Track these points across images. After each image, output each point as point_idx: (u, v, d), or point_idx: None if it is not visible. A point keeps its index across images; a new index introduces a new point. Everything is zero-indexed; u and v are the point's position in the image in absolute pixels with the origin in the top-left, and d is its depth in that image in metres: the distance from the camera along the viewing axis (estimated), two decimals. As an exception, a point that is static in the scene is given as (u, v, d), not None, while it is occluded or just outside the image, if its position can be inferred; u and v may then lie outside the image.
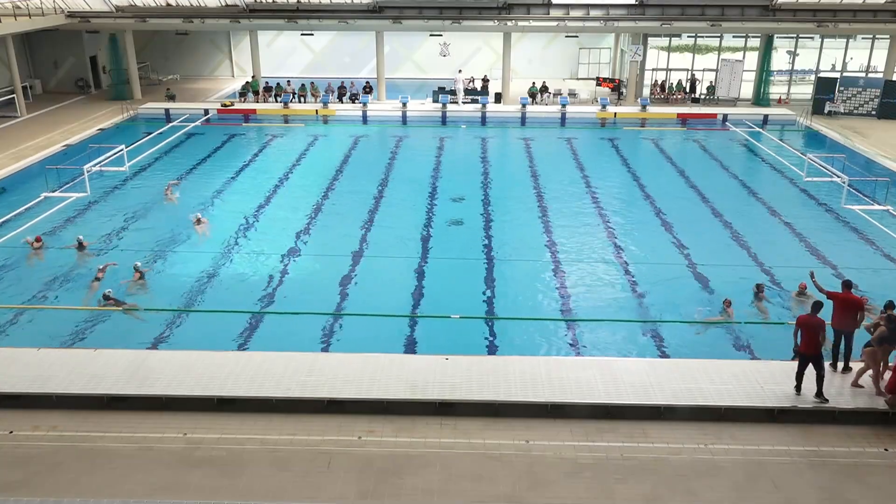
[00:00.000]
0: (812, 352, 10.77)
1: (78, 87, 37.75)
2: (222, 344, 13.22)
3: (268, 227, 19.69)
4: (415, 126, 32.40)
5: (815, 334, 10.72)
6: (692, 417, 10.77)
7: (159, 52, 43.18)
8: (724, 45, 37.30)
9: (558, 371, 11.64)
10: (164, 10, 34.77)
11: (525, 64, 41.97)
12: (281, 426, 10.54)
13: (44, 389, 11.12)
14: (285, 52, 43.73)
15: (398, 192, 22.74)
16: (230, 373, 11.50)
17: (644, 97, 34.91)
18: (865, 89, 32.96)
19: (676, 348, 13.52)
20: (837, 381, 11.46)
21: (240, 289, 15.93)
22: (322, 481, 9.44)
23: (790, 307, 15.08)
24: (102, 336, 13.75)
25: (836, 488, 9.45)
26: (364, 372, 11.52)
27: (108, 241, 18.48)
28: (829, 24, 32.80)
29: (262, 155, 27.47)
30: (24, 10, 30.87)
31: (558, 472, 9.64)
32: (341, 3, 34.17)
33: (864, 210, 20.39)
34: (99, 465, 9.72)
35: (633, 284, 16.26)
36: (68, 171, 22.69)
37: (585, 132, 31.54)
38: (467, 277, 16.60)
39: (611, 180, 24.31)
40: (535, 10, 33.81)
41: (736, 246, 18.43)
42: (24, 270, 16.81)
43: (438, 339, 13.83)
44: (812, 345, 10.76)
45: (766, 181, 24.78)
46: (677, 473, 9.65)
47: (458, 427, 10.54)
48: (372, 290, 15.97)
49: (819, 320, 10.85)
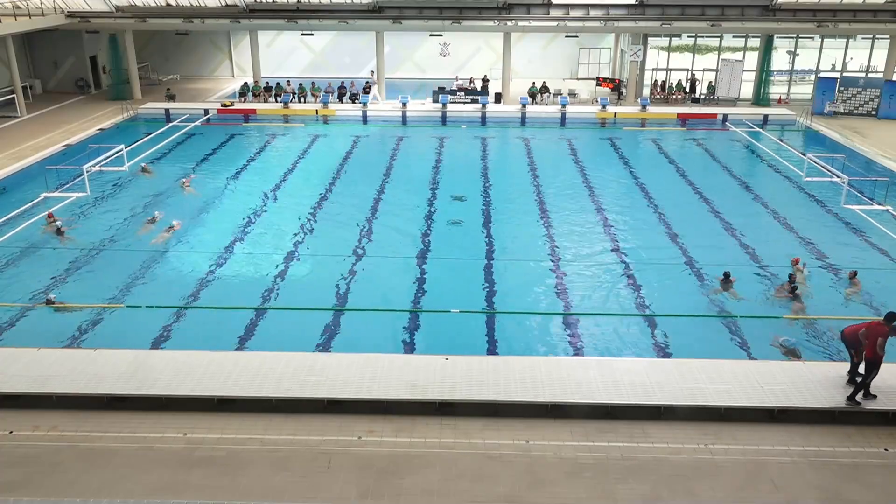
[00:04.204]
0: (871, 357, 10.64)
1: (78, 87, 37.75)
2: (222, 344, 13.22)
3: (268, 227, 19.69)
4: (415, 126, 32.41)
5: (873, 341, 10.54)
6: (692, 417, 10.77)
7: (159, 52, 43.20)
8: (724, 45, 37.30)
9: (558, 371, 11.64)
10: (164, 10, 34.77)
11: (525, 64, 41.96)
12: (281, 426, 10.54)
13: (44, 389, 11.12)
14: (285, 52, 43.73)
15: (398, 192, 22.74)
16: (230, 373, 11.51)
17: (644, 97, 34.92)
18: (865, 89, 32.98)
19: (677, 348, 13.52)
20: (841, 381, 11.44)
21: (240, 288, 15.93)
22: (322, 481, 9.44)
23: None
24: (102, 336, 13.75)
25: (836, 488, 9.44)
26: (364, 372, 11.52)
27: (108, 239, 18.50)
28: (829, 24, 32.80)
29: (262, 155, 27.47)
30: (24, 10, 30.87)
31: (558, 472, 9.63)
32: (341, 3, 34.17)
33: (864, 210, 20.38)
34: (99, 465, 9.72)
35: (633, 284, 16.26)
36: (68, 171, 22.71)
37: (585, 132, 31.54)
38: (467, 277, 16.60)
39: (611, 180, 24.30)
40: (535, 10, 33.81)
41: (736, 245, 18.43)
42: (24, 270, 16.81)
43: (438, 339, 13.84)
44: (871, 350, 10.62)
45: (766, 181, 24.77)
46: (677, 473, 9.65)
47: (458, 427, 10.54)
48: (372, 290, 15.96)
49: (884, 328, 10.63)
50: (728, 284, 15.76)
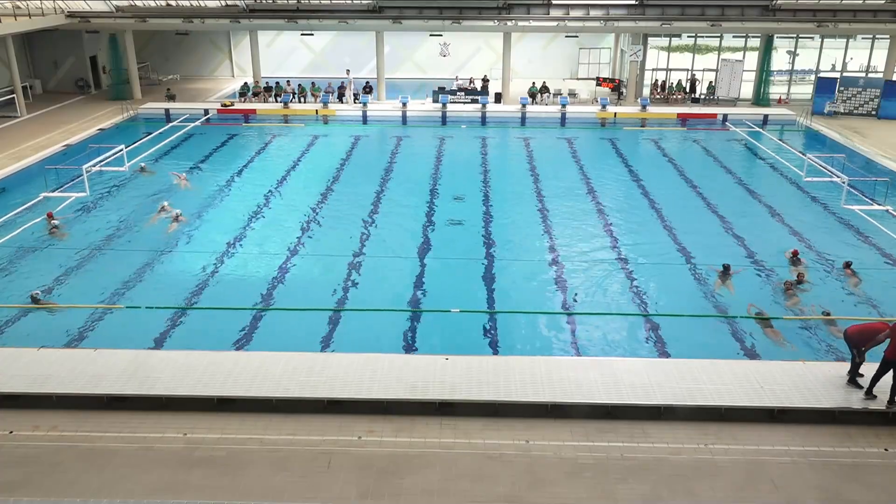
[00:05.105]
0: (891, 357, 10.62)
1: (78, 87, 37.75)
2: (222, 344, 13.22)
3: (268, 227, 19.69)
4: (415, 126, 32.40)
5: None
6: (692, 417, 10.77)
7: (159, 52, 43.20)
8: (724, 45, 37.30)
9: (558, 371, 11.64)
10: (164, 10, 34.76)
11: (525, 64, 41.97)
12: (281, 426, 10.54)
13: (44, 389, 11.12)
14: (285, 52, 43.73)
15: (398, 192, 22.73)
16: (230, 373, 11.51)
17: (644, 97, 34.91)
18: (865, 89, 32.98)
19: (677, 347, 13.51)
20: (841, 381, 11.44)
21: (240, 288, 15.92)
22: (322, 481, 9.44)
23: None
24: (102, 336, 13.75)
25: (836, 488, 9.44)
26: (364, 372, 11.52)
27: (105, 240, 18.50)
28: (829, 24, 32.79)
29: (262, 155, 27.46)
30: (24, 10, 30.88)
31: (558, 472, 9.64)
32: (341, 3, 34.16)
33: (864, 210, 20.38)
34: (99, 465, 9.72)
35: (633, 284, 16.26)
36: (68, 171, 22.70)
37: (585, 132, 31.53)
38: (467, 277, 16.60)
39: (611, 180, 24.29)
40: (535, 10, 33.81)
41: (736, 245, 18.43)
42: (24, 271, 16.81)
43: (438, 339, 13.84)
44: (893, 351, 10.61)
45: (765, 181, 24.77)
46: (677, 473, 9.65)
47: (458, 427, 10.54)
48: (372, 290, 15.95)
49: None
50: (727, 277, 15.97)
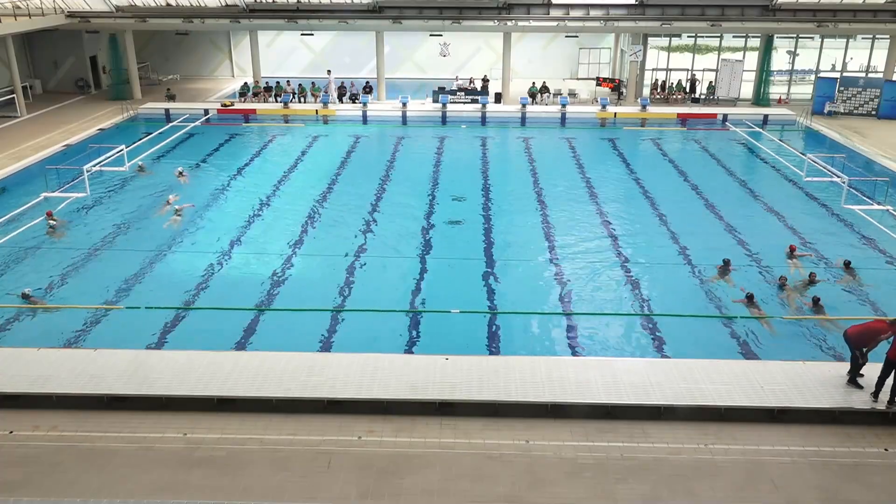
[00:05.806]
0: (894, 358, 10.61)
1: (78, 87, 37.74)
2: (222, 344, 13.22)
3: (268, 227, 19.69)
4: (415, 126, 32.40)
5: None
6: (692, 417, 10.78)
7: (159, 52, 43.18)
8: (724, 45, 37.29)
9: (558, 371, 11.64)
10: (164, 10, 34.76)
11: (525, 64, 41.95)
12: (281, 426, 10.54)
13: (44, 389, 11.13)
14: (285, 52, 43.72)
15: (398, 192, 22.73)
16: (230, 373, 11.51)
17: (644, 97, 34.91)
18: (865, 89, 32.98)
19: (676, 347, 13.51)
20: (841, 381, 11.44)
21: (240, 288, 15.92)
22: (322, 481, 9.44)
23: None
24: (102, 336, 13.75)
25: (836, 488, 9.45)
26: (364, 372, 11.53)
27: (105, 240, 18.50)
28: (829, 24, 32.79)
29: (263, 155, 27.47)
30: (24, 10, 30.86)
31: (558, 472, 9.64)
32: (341, 3, 34.16)
33: (864, 210, 20.38)
34: (99, 465, 9.73)
35: (633, 284, 16.26)
36: (68, 171, 22.70)
37: (585, 132, 31.53)
38: (467, 277, 16.59)
39: (610, 180, 24.30)
40: (535, 10, 33.80)
41: (736, 245, 18.42)
42: (23, 269, 16.81)
43: (438, 339, 13.83)
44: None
45: (766, 181, 24.76)
46: (677, 473, 9.65)
47: (458, 427, 10.54)
48: (372, 290, 15.96)
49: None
50: (726, 271, 16.16)
